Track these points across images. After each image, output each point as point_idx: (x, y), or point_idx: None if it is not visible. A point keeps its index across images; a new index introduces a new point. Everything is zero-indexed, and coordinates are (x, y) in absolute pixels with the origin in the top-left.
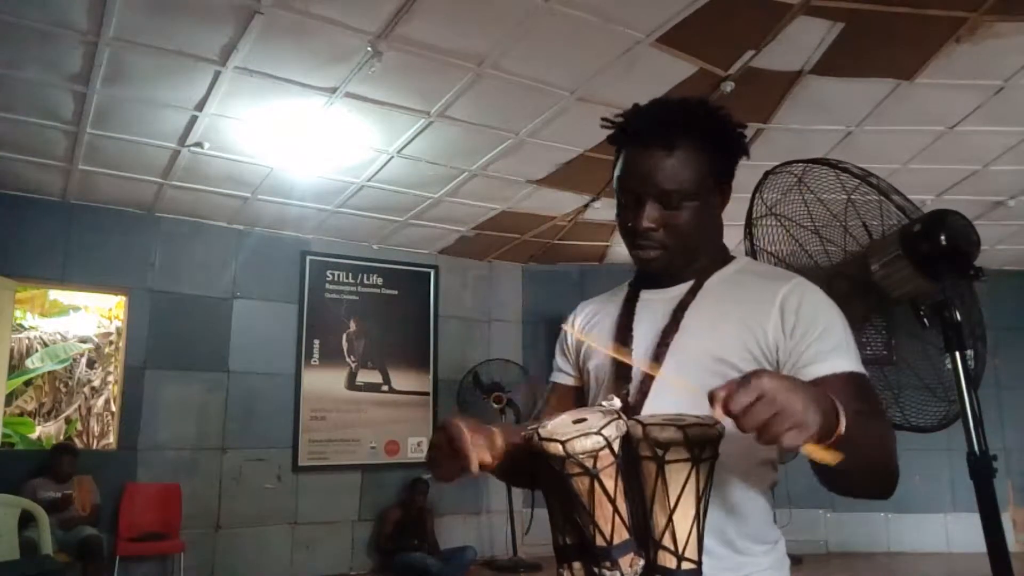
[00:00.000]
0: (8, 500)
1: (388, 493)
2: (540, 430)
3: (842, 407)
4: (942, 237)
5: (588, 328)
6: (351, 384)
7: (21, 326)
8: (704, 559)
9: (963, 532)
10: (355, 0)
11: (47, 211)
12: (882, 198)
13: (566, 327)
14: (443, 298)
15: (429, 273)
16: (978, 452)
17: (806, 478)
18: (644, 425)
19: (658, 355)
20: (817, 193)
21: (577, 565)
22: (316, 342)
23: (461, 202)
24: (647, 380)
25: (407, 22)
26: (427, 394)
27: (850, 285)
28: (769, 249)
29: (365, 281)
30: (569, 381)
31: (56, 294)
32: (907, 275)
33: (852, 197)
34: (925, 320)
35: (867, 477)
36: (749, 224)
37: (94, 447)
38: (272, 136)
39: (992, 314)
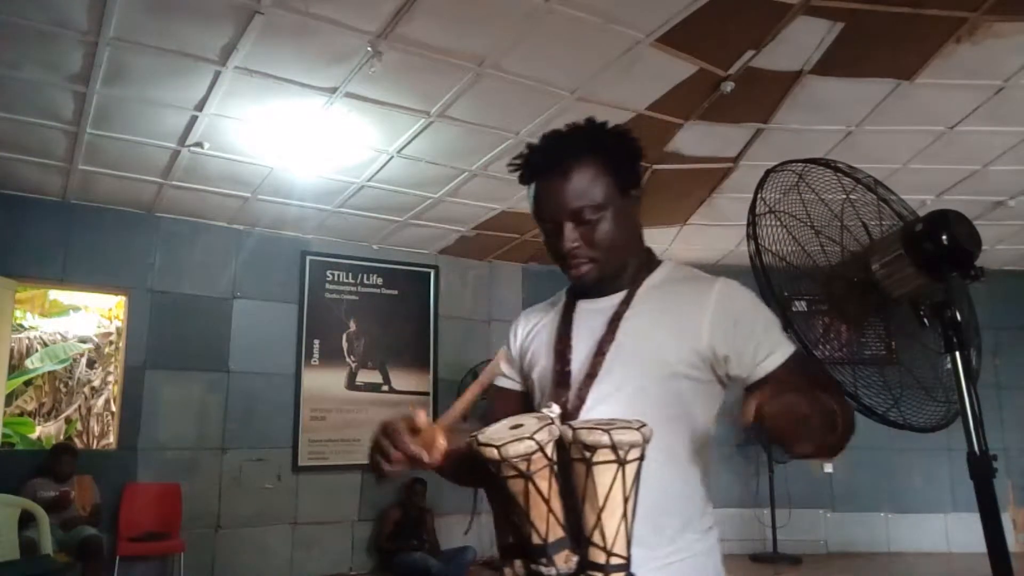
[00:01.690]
0: (8, 500)
1: (388, 493)
2: (479, 436)
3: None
4: (945, 236)
5: (530, 337)
6: (351, 384)
7: (21, 326)
8: (638, 549)
9: (963, 532)
10: (355, 0)
11: (47, 211)
12: (880, 201)
13: (510, 335)
14: (443, 298)
15: (429, 273)
16: (978, 452)
17: (806, 478)
18: (574, 429)
19: (595, 364)
20: (818, 193)
21: (519, 563)
22: (316, 342)
23: (461, 202)
24: (585, 387)
25: (407, 22)
26: (427, 394)
27: (850, 285)
28: (771, 248)
29: (365, 281)
30: (511, 386)
31: (56, 294)
32: (908, 275)
33: (851, 197)
34: (925, 320)
35: (819, 440)
36: (752, 223)
37: (94, 447)
38: (272, 136)
39: (992, 314)
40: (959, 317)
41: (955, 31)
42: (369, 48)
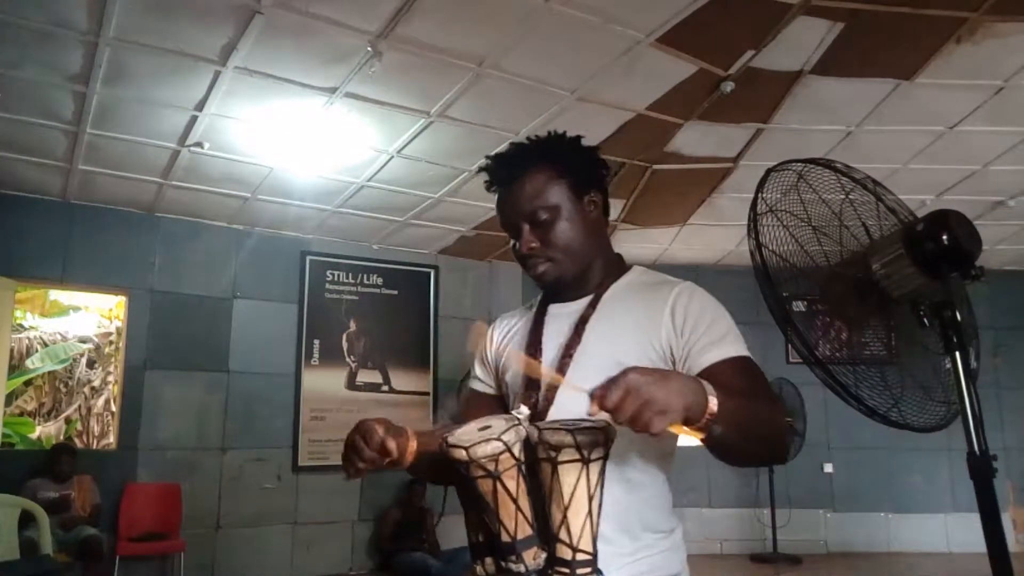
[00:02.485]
0: (8, 500)
1: (388, 493)
2: (448, 437)
3: (713, 390)
4: (945, 236)
5: (505, 342)
6: (351, 384)
7: (21, 326)
8: (604, 547)
9: (963, 532)
10: (355, 0)
11: (47, 211)
12: (877, 200)
13: (485, 340)
14: (443, 298)
15: (429, 273)
16: (978, 452)
17: (806, 478)
18: (540, 430)
19: (562, 365)
20: (819, 192)
21: (488, 561)
22: (316, 342)
23: (461, 202)
24: (553, 389)
25: (407, 22)
26: (427, 394)
27: (850, 285)
28: (772, 247)
29: (365, 281)
30: (485, 389)
31: (56, 294)
32: (909, 274)
33: (850, 196)
34: (925, 320)
35: (752, 448)
36: (753, 219)
37: (94, 447)
38: (272, 136)
39: (992, 314)
40: (959, 317)
41: (955, 31)
42: (369, 48)
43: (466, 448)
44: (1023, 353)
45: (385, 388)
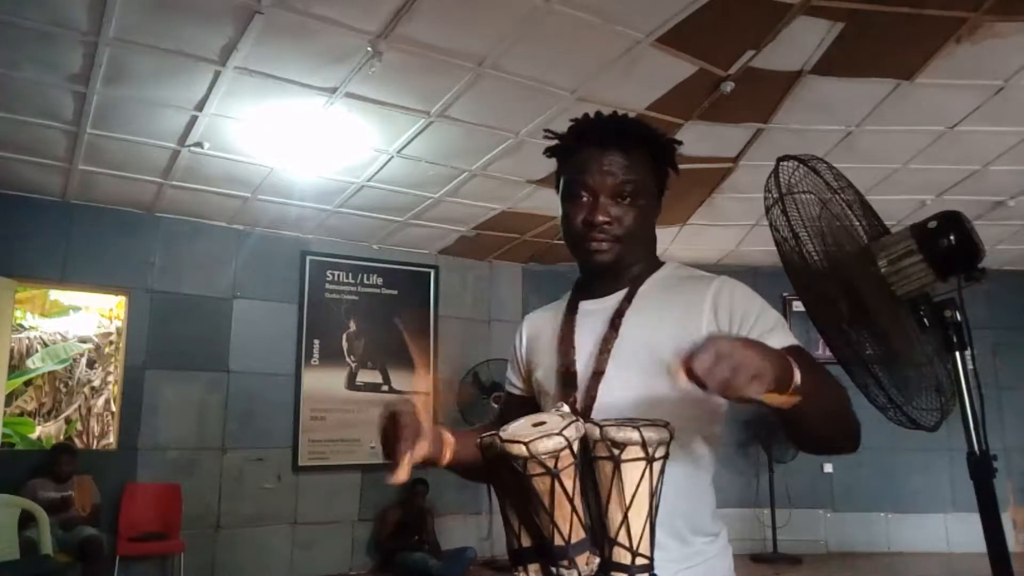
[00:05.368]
0: (8, 500)
1: (388, 493)
2: (501, 433)
3: (793, 360)
4: (956, 235)
5: (533, 340)
6: (351, 384)
7: (21, 326)
8: (655, 552)
9: (963, 532)
10: (355, 0)
11: (47, 211)
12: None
13: (515, 340)
14: (443, 298)
15: (429, 273)
16: (978, 452)
17: (806, 478)
18: (601, 426)
19: (600, 361)
20: (831, 187)
21: (534, 567)
22: (316, 342)
23: (461, 202)
24: (593, 386)
25: (407, 22)
26: (427, 394)
27: (850, 284)
28: (785, 242)
29: (365, 281)
30: (520, 392)
31: (56, 294)
32: (916, 272)
33: (844, 193)
34: (925, 320)
35: (831, 425)
36: (780, 207)
37: (94, 447)
38: (272, 136)
39: (992, 314)
40: (959, 317)
41: (955, 31)
42: (369, 48)
43: (526, 443)
44: (1023, 353)
45: (385, 388)
